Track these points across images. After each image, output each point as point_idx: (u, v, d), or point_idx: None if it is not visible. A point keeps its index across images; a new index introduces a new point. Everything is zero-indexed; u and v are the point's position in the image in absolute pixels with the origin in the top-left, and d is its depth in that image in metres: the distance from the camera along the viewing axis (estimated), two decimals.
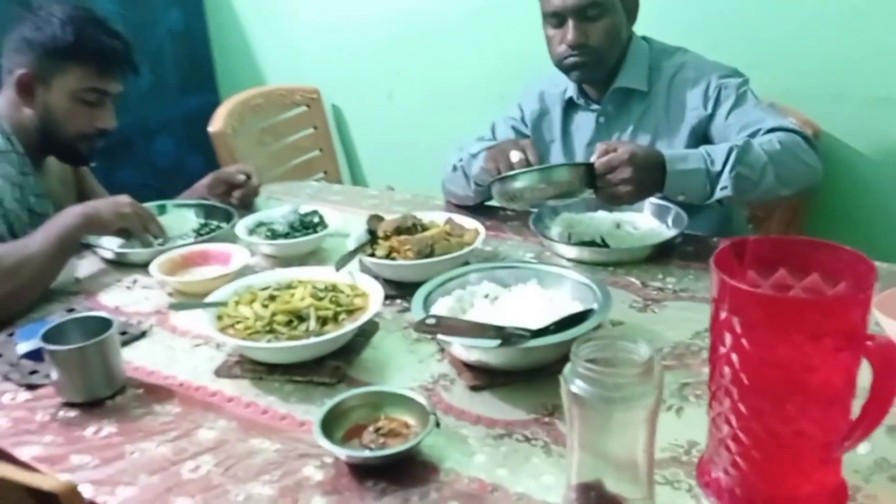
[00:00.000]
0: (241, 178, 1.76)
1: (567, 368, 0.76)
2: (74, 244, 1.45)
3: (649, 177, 1.37)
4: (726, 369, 0.80)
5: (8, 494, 0.87)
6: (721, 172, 1.39)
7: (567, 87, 1.72)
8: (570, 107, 1.74)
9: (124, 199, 1.51)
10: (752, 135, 1.47)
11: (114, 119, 1.63)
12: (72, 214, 1.43)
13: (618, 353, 0.77)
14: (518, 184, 1.38)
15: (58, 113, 1.56)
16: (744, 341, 0.77)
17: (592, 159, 1.37)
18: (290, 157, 2.61)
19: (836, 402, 0.76)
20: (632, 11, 1.63)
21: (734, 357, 0.78)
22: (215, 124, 2.33)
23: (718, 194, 1.40)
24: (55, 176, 1.71)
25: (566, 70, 1.63)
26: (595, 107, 1.70)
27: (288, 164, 2.57)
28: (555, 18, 1.59)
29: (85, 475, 0.93)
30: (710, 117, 1.58)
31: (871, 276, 0.75)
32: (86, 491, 0.90)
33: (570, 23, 1.56)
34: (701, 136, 1.58)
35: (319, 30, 2.73)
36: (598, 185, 1.37)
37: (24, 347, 1.14)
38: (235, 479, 0.92)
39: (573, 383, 0.75)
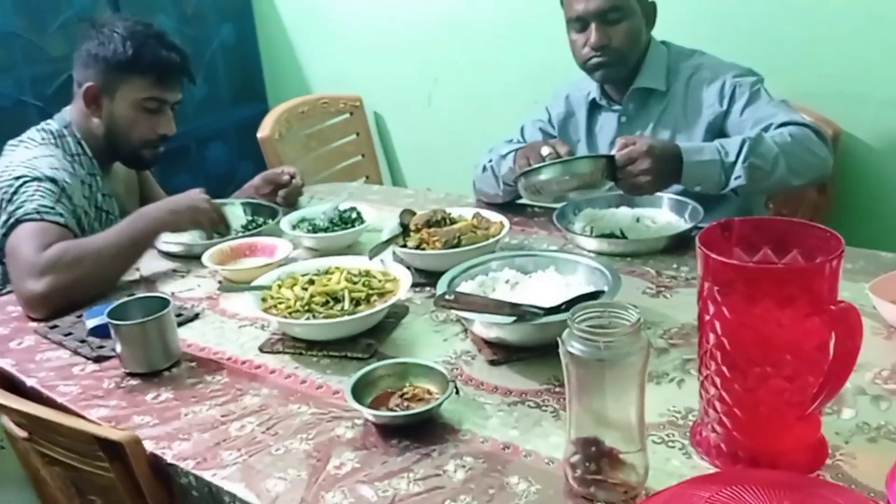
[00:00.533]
0: (286, 178, 1.90)
1: (565, 332, 0.86)
2: (150, 243, 1.58)
3: (667, 168, 1.46)
4: (711, 336, 0.88)
5: (81, 443, 1.01)
6: (735, 163, 1.47)
7: (591, 90, 1.82)
8: (593, 108, 1.84)
9: (202, 199, 1.63)
10: (765, 129, 1.55)
11: (173, 125, 1.75)
12: (150, 217, 1.55)
13: (610, 318, 0.86)
14: (542, 176, 1.48)
15: (122, 121, 1.69)
16: (724, 309, 0.85)
17: (613, 152, 1.46)
18: (333, 161, 2.74)
19: (807, 364, 0.84)
20: (650, 17, 1.73)
21: (717, 324, 0.87)
22: (263, 130, 2.48)
23: (733, 184, 1.48)
24: (121, 179, 1.85)
25: (590, 71, 1.74)
26: (616, 107, 1.79)
27: (332, 169, 2.71)
28: (578, 23, 1.70)
29: (146, 432, 1.05)
30: (726, 113, 1.66)
31: (838, 249, 0.83)
32: (147, 445, 1.02)
33: (593, 26, 1.67)
34: (717, 131, 1.67)
35: (362, 41, 2.86)
36: (618, 177, 1.46)
37: (92, 322, 1.28)
38: (276, 436, 1.03)
39: (570, 345, 0.84)
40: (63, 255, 1.42)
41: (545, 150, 1.55)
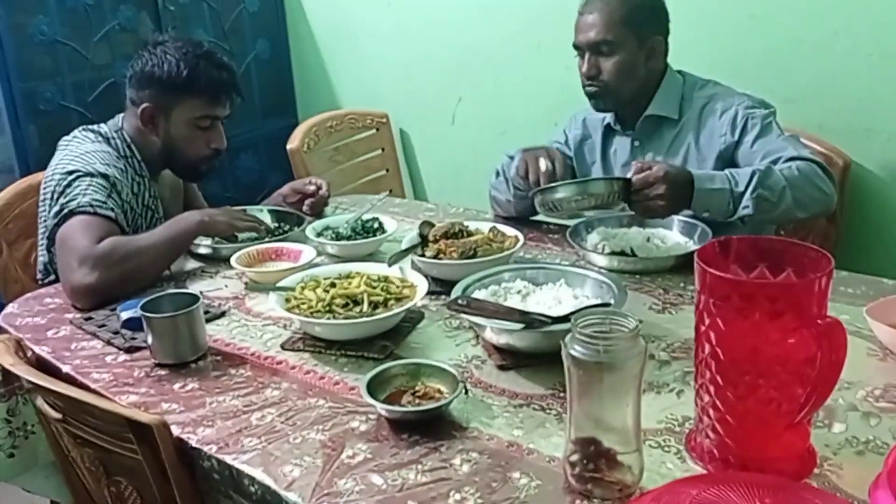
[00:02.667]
0: (313, 188, 1.98)
1: (568, 336, 0.92)
2: (187, 245, 1.68)
3: (680, 194, 1.51)
4: (706, 346, 0.94)
5: (112, 425, 1.08)
6: (744, 193, 1.52)
7: (607, 115, 1.89)
8: (608, 132, 1.91)
9: (237, 216, 1.74)
10: (774, 162, 1.60)
11: (224, 139, 1.83)
12: (190, 221, 1.65)
13: (611, 325, 0.92)
14: (558, 194, 1.55)
15: (178, 139, 1.77)
16: (718, 321, 0.91)
17: (629, 175, 1.52)
18: (358, 175, 2.82)
19: (795, 375, 0.89)
20: (654, 51, 1.77)
21: (711, 335, 0.92)
22: (293, 142, 2.56)
23: (740, 213, 1.53)
24: (167, 184, 1.94)
25: (588, 98, 1.82)
26: (629, 132, 1.86)
27: (357, 182, 2.78)
28: (577, 51, 1.80)
29: (173, 418, 1.12)
30: (737, 144, 1.71)
31: (828, 268, 0.89)
32: (173, 430, 1.09)
33: (586, 56, 1.76)
34: (728, 161, 1.72)
35: (390, 60, 2.94)
36: (633, 199, 1.52)
37: (126, 315, 1.35)
38: (294, 426, 1.10)
39: (573, 348, 0.90)
40: (115, 249, 1.51)
41: (543, 165, 1.63)
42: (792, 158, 1.60)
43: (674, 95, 1.80)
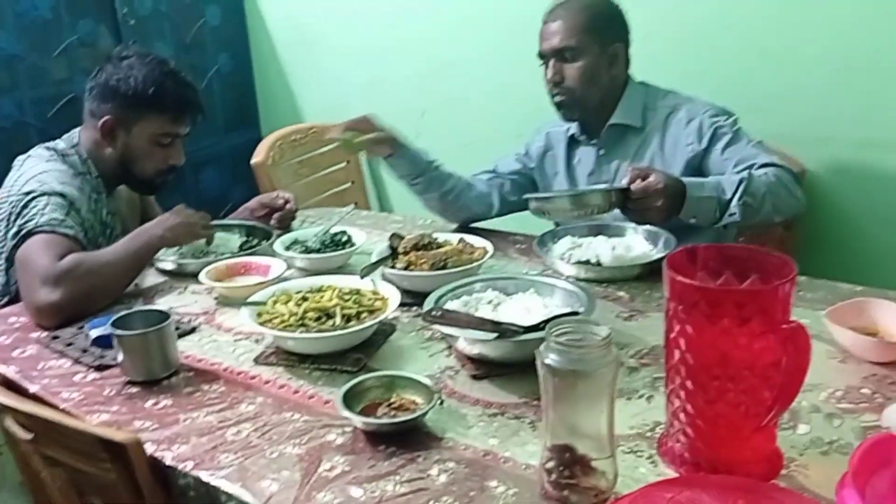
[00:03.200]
0: (281, 202, 1.98)
1: (543, 345, 0.93)
2: (150, 258, 1.66)
3: (675, 203, 1.54)
4: (676, 352, 0.96)
5: (84, 444, 1.07)
6: (730, 200, 1.57)
7: (570, 126, 1.93)
8: (572, 142, 1.95)
9: (188, 213, 1.70)
10: (747, 168, 1.65)
11: (183, 156, 1.83)
12: (152, 234, 1.62)
13: (584, 333, 0.94)
14: (554, 204, 1.59)
15: (137, 154, 1.76)
16: (687, 327, 0.93)
17: (624, 183, 1.54)
18: (324, 188, 2.82)
19: (762, 379, 0.92)
20: (615, 59, 1.82)
21: (681, 341, 0.95)
22: (257, 156, 2.56)
23: (727, 220, 1.58)
24: (123, 200, 1.92)
25: (555, 107, 1.86)
26: (595, 142, 1.90)
27: (322, 195, 2.78)
28: (541, 59, 1.84)
29: (146, 436, 1.11)
30: (706, 151, 1.75)
31: (791, 274, 0.92)
32: (147, 448, 1.08)
33: (550, 63, 1.81)
34: (696, 168, 1.76)
35: (353, 74, 2.95)
36: (629, 207, 1.54)
37: (95, 332, 1.34)
38: (270, 441, 1.10)
39: (547, 356, 0.92)
40: (78, 265, 1.49)
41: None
42: (764, 165, 1.65)
43: (637, 104, 1.85)
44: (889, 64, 1.94)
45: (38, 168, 1.68)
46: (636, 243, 1.70)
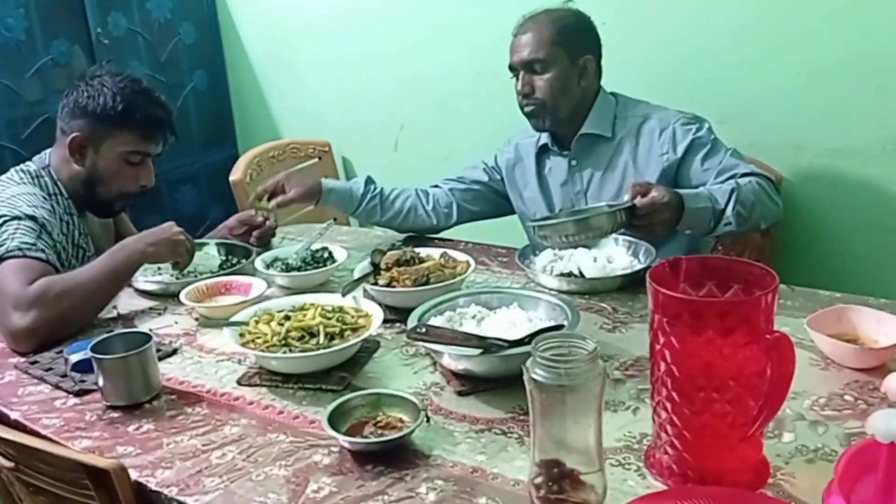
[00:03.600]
0: (260, 219, 1.97)
1: (529, 361, 0.93)
2: (129, 277, 1.63)
3: (677, 215, 1.56)
4: (661, 364, 0.97)
5: (67, 472, 1.05)
6: (724, 210, 1.59)
7: (541, 136, 1.95)
8: (542, 153, 1.97)
9: (177, 230, 1.68)
10: (729, 178, 1.68)
11: (153, 177, 1.81)
12: (133, 251, 1.60)
13: (570, 348, 0.94)
14: (558, 230, 1.55)
15: (105, 172, 1.74)
16: (672, 339, 0.94)
17: (626, 199, 1.54)
18: (302, 204, 2.80)
19: (748, 388, 0.93)
20: (586, 69, 1.83)
21: (666, 353, 0.95)
22: (236, 173, 2.54)
23: (722, 229, 1.61)
24: (96, 220, 1.90)
25: (527, 118, 1.88)
26: (566, 152, 1.92)
27: (300, 211, 2.76)
28: (512, 72, 1.87)
29: (129, 461, 1.10)
30: (682, 161, 1.77)
31: (773, 285, 0.93)
32: (131, 473, 1.06)
33: (521, 74, 1.83)
34: (670, 177, 1.78)
35: (330, 89, 2.95)
36: (635, 224, 1.54)
37: (75, 357, 1.32)
38: (256, 463, 1.09)
39: (534, 372, 0.92)
40: (48, 289, 1.47)
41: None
42: (745, 174, 1.68)
43: (607, 114, 1.86)
44: (861, 72, 1.98)
45: (9, 192, 1.66)
46: (617, 254, 1.71)
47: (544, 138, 1.95)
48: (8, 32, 2.34)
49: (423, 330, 1.19)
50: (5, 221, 1.58)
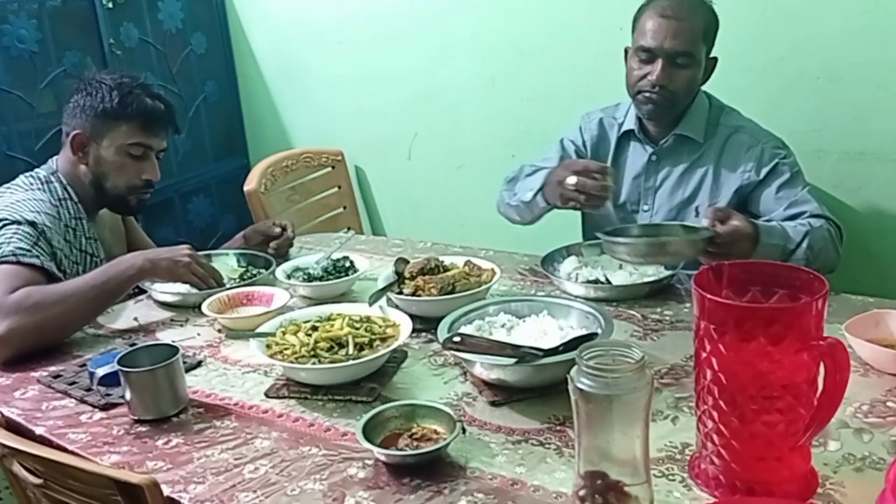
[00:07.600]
0: (278, 230, 1.95)
1: (574, 370, 0.91)
2: (123, 290, 1.60)
3: (752, 248, 1.48)
4: (708, 372, 0.94)
5: (98, 488, 1.03)
6: (794, 251, 1.54)
7: (626, 120, 1.87)
8: (624, 138, 1.89)
9: (183, 254, 1.66)
10: (798, 214, 1.64)
11: (158, 172, 1.80)
12: (131, 265, 1.58)
13: (615, 356, 0.92)
14: (632, 247, 1.47)
15: (108, 166, 1.74)
16: (720, 346, 0.92)
17: (706, 223, 1.45)
18: (316, 213, 2.79)
19: (799, 396, 0.91)
20: (709, 71, 1.77)
21: (713, 361, 0.93)
22: (250, 183, 2.52)
23: None
24: (107, 225, 1.89)
25: (639, 103, 1.78)
26: (651, 146, 1.84)
27: (314, 221, 2.75)
28: (645, 54, 1.72)
29: (160, 476, 1.07)
30: (760, 183, 1.72)
31: (823, 290, 0.91)
32: (164, 489, 1.03)
33: (660, 63, 1.70)
34: (745, 196, 1.73)
35: (342, 99, 2.93)
36: (710, 251, 1.44)
37: (102, 371, 1.29)
38: (290, 477, 1.06)
39: (580, 381, 0.90)
40: (26, 299, 1.45)
41: (571, 181, 1.57)
42: (816, 216, 1.63)
43: (701, 117, 1.79)
44: (881, 75, 1.96)
45: (14, 197, 1.66)
46: None
47: (631, 124, 1.86)
48: (21, 44, 2.33)
49: (459, 339, 1.17)
50: (4, 225, 1.58)
